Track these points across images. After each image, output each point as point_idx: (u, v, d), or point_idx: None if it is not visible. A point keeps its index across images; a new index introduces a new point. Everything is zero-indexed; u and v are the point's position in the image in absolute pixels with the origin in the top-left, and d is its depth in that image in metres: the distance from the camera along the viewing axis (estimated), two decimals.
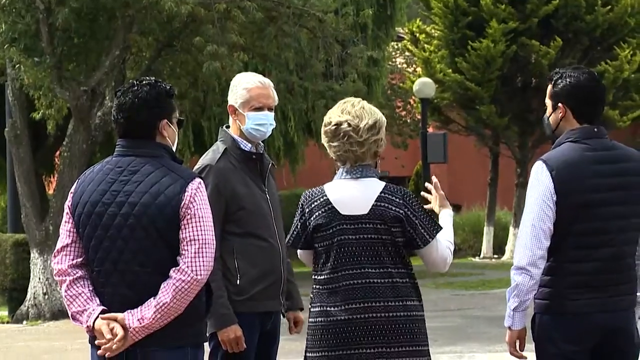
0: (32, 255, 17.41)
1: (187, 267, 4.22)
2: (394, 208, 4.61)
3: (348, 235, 4.56)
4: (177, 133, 4.53)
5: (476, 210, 30.33)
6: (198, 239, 4.25)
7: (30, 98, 18.56)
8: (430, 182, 5.03)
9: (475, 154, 30.01)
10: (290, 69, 21.28)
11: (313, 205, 4.62)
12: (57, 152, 21.24)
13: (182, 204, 4.26)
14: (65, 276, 4.35)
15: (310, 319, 4.66)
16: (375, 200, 4.60)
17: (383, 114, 4.84)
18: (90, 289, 4.34)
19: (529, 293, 4.69)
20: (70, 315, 4.39)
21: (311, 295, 4.67)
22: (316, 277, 4.62)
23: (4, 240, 18.25)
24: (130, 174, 4.33)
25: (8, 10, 16.68)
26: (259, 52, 18.73)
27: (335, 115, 4.64)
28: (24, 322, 17.23)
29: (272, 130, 5.60)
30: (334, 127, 4.62)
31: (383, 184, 4.68)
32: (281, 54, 19.02)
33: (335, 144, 4.63)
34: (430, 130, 28.53)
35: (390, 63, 30.26)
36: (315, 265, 4.63)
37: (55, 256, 4.41)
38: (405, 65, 33.26)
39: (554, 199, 4.68)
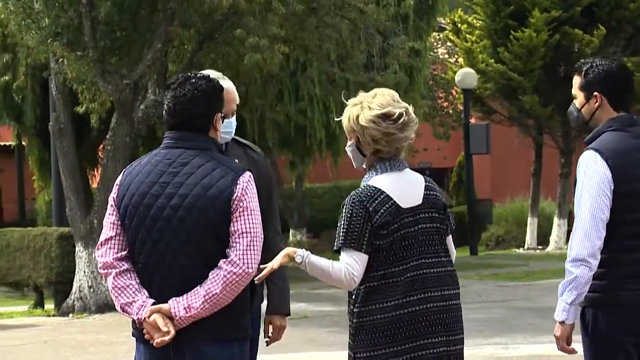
0: (77, 248, 17.53)
1: (239, 259, 4.22)
2: (439, 196, 4.62)
3: (409, 228, 4.47)
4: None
5: (520, 201, 30.17)
6: (250, 232, 4.25)
7: (73, 92, 18.67)
8: (472, 173, 4.98)
9: (518, 145, 29.83)
10: (332, 61, 21.27)
11: (375, 204, 4.43)
12: (101, 146, 21.35)
13: (234, 197, 4.26)
14: (111, 269, 4.32)
15: (361, 318, 4.47)
16: (424, 190, 4.56)
17: (425, 105, 4.77)
18: (137, 281, 4.32)
19: (586, 285, 4.63)
20: (118, 307, 4.36)
21: (354, 296, 4.53)
22: (371, 274, 4.45)
23: (49, 234, 18.38)
24: (180, 166, 4.31)
25: (51, 5, 16.78)
26: (300, 44, 18.71)
27: (389, 105, 4.47)
28: (70, 315, 17.35)
29: (314, 122, 5.55)
30: (406, 117, 4.48)
31: (419, 173, 4.64)
32: (322, 46, 19.01)
33: (405, 134, 4.49)
34: (472, 121, 28.43)
35: (432, 54, 30.14)
36: (369, 264, 4.46)
37: (98, 249, 4.38)
38: (447, 56, 33.13)
39: (612, 187, 4.65)
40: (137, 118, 17.21)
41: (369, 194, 4.44)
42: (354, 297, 4.50)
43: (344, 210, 4.46)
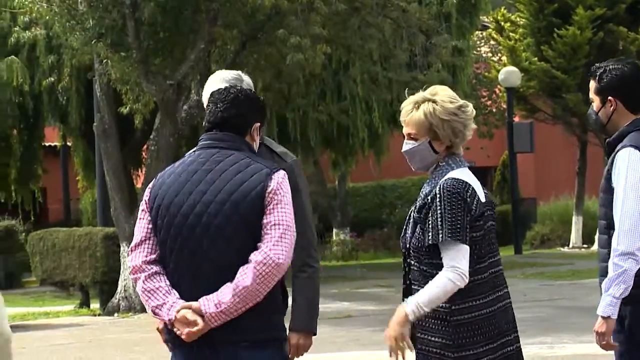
0: (121, 248, 17.63)
1: (270, 250, 4.13)
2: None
3: (491, 222, 4.45)
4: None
5: (564, 199, 29.98)
6: (283, 224, 4.17)
7: (117, 93, 18.79)
8: (516, 172, 4.95)
9: (562, 143, 29.63)
10: (374, 60, 21.25)
11: (468, 196, 4.34)
12: (145, 146, 21.49)
13: (268, 190, 4.19)
14: (140, 273, 4.26)
15: (461, 316, 4.33)
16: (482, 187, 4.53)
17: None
18: (167, 282, 4.23)
19: (632, 280, 4.64)
20: (150, 310, 4.28)
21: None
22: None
23: (94, 234, 18.51)
24: (214, 164, 4.27)
25: (95, 6, 16.89)
26: (342, 44, 18.72)
27: (456, 97, 4.44)
28: (115, 314, 17.47)
29: (357, 121, 5.40)
30: (473, 109, 4.48)
31: None
32: (365, 45, 18.99)
33: (473, 126, 4.48)
34: (516, 119, 28.29)
35: (475, 52, 30.02)
36: None
37: (129, 254, 4.35)
38: (490, 54, 32.99)
39: None
40: (181, 118, 17.28)
41: (461, 185, 4.32)
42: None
43: (439, 204, 4.29)
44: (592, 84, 4.95)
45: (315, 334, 4.97)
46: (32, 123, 24.57)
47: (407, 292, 4.40)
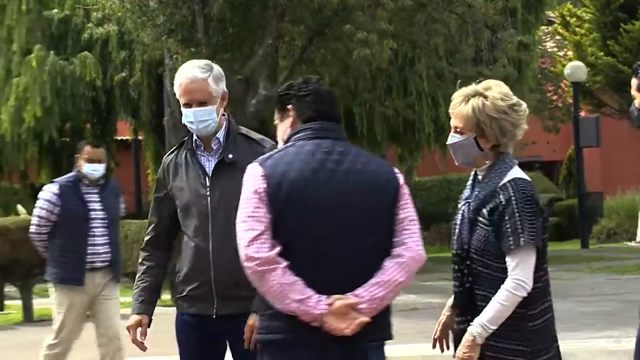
0: None
1: (417, 245, 3.97)
2: None
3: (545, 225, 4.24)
4: None
5: (631, 193, 29.60)
6: (416, 219, 4.04)
7: None
8: (582, 166, 4.82)
9: (629, 137, 29.27)
10: (440, 55, 21.15)
11: (538, 199, 4.17)
12: None
13: (399, 185, 4.04)
14: (274, 264, 3.85)
15: (536, 321, 4.17)
16: None
17: (534, 98, 4.62)
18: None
19: None
20: (289, 303, 3.86)
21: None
22: (535, 274, 4.16)
23: None
24: (341, 155, 3.99)
25: (166, 2, 17.01)
26: (408, 39, 18.64)
27: (511, 95, 4.25)
28: None
29: (423, 116, 5.23)
30: (526, 109, 4.28)
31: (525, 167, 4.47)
32: (431, 40, 18.89)
33: (525, 126, 4.26)
34: (582, 114, 27.99)
35: (540, 47, 29.75)
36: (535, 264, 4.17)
37: (248, 245, 3.89)
38: (555, 49, 32.68)
39: None
40: (249, 113, 17.33)
41: (531, 187, 4.13)
42: (523, 299, 4.12)
43: (516, 207, 4.07)
44: (634, 82, 4.85)
45: None
46: (104, 117, 24.82)
47: (467, 298, 4.18)
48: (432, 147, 24.55)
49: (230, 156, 4.84)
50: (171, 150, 5.09)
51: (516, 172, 4.17)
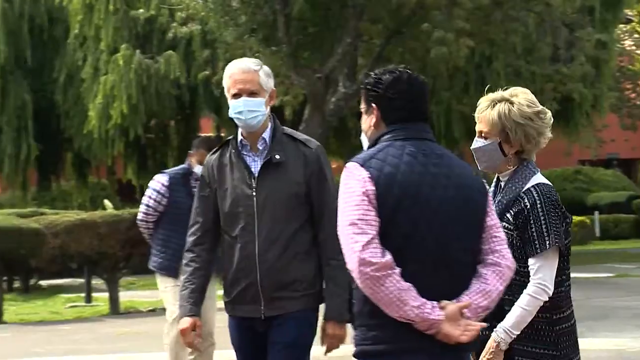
0: None
1: (508, 253, 3.80)
2: None
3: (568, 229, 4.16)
4: None
5: None
6: (501, 227, 3.87)
7: None
8: None
9: None
10: (517, 53, 20.96)
11: (561, 204, 4.09)
12: None
13: (487, 190, 3.87)
14: (391, 270, 3.59)
15: (562, 325, 4.12)
16: None
17: (612, 96, 4.52)
18: None
19: None
20: (406, 310, 3.61)
21: (547, 303, 4.09)
22: (557, 279, 4.08)
23: None
24: (438, 158, 3.79)
25: (248, 2, 17.12)
26: (485, 37, 18.51)
27: (536, 102, 4.13)
28: None
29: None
30: (551, 117, 4.18)
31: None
32: (508, 39, 18.76)
33: (549, 134, 4.16)
34: None
35: (618, 45, 29.34)
36: (558, 268, 4.10)
37: (363, 250, 3.58)
38: (634, 47, 32.19)
39: None
40: (329, 110, 17.36)
41: (554, 191, 4.06)
42: (547, 304, 4.03)
43: (542, 211, 4.01)
44: None
45: (349, 322, 4.40)
46: (188, 114, 25.06)
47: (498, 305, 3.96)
48: None
49: (278, 157, 4.68)
50: (215, 149, 4.87)
51: (539, 178, 4.11)
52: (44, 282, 18.92)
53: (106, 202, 21.49)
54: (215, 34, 19.36)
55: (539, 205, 4.03)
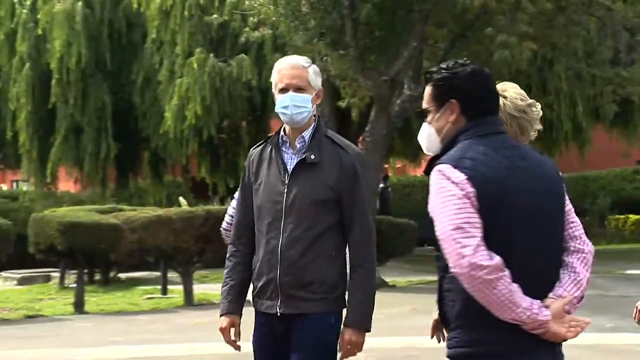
0: None
1: (586, 237, 3.69)
2: None
3: None
4: None
5: None
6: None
7: (335, 88, 19.01)
8: None
9: None
10: (579, 57, 20.76)
11: None
12: (360, 138, 21.67)
13: (561, 175, 3.78)
14: (501, 272, 3.40)
15: None
16: None
17: None
18: None
19: None
20: (517, 312, 3.42)
21: None
22: None
23: None
24: (518, 150, 3.66)
25: (317, 8, 17.14)
26: (547, 41, 18.35)
27: (526, 95, 4.05)
28: None
29: (561, 115, 4.76)
30: (540, 109, 4.14)
31: None
32: (570, 42, 18.57)
33: (539, 125, 4.08)
34: None
35: None
36: None
37: (475, 253, 3.40)
38: None
39: None
40: (394, 112, 17.33)
41: None
42: None
43: None
44: None
45: (369, 331, 4.51)
46: (259, 115, 25.18)
47: None
48: (569, 145, 24.15)
49: (313, 157, 4.51)
50: (258, 143, 4.75)
51: None
52: (122, 275, 19.14)
53: (181, 199, 21.64)
54: (285, 38, 19.41)
55: None
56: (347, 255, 4.55)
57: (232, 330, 4.59)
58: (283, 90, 4.57)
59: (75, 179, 27.73)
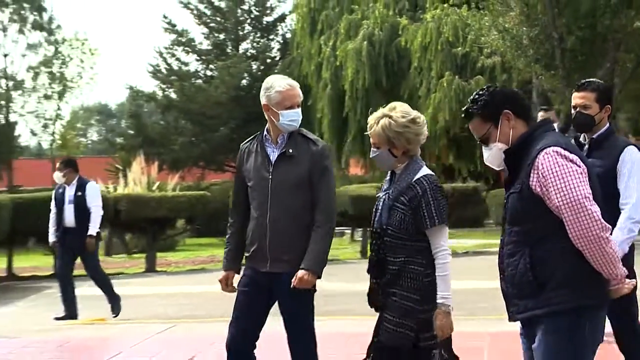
0: None
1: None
2: None
3: None
4: None
5: None
6: None
7: (548, 98, 18.77)
8: None
9: None
10: None
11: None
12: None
13: None
14: (610, 233, 3.16)
15: (428, 279, 3.82)
16: None
17: None
18: None
19: None
20: (619, 269, 3.14)
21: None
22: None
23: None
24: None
25: (534, 40, 17.15)
26: None
27: (410, 112, 3.85)
28: None
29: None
30: (424, 120, 3.90)
31: None
32: None
33: (425, 133, 3.89)
34: None
35: None
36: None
37: (601, 218, 3.11)
38: None
39: None
40: None
41: (437, 180, 3.83)
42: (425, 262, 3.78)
43: (430, 194, 3.75)
44: None
45: (320, 277, 4.31)
46: None
47: (381, 265, 3.81)
48: None
49: (291, 151, 4.33)
50: (247, 140, 4.51)
51: (425, 170, 3.85)
52: None
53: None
54: (510, 63, 19.34)
55: (429, 192, 3.76)
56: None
57: (228, 281, 4.47)
58: (290, 107, 4.32)
59: (361, 166, 28.67)
